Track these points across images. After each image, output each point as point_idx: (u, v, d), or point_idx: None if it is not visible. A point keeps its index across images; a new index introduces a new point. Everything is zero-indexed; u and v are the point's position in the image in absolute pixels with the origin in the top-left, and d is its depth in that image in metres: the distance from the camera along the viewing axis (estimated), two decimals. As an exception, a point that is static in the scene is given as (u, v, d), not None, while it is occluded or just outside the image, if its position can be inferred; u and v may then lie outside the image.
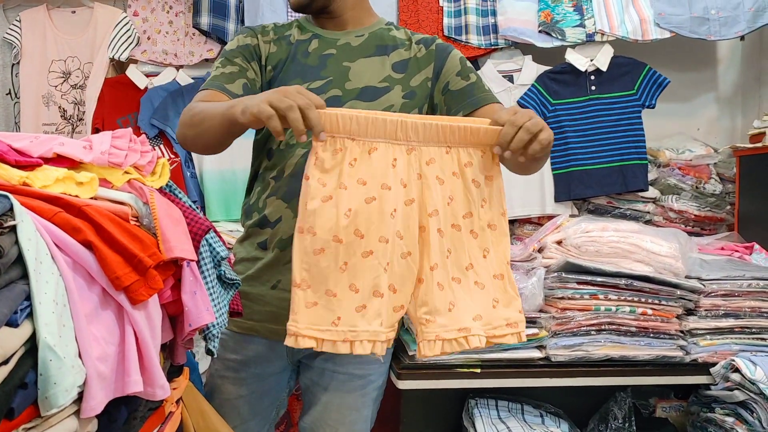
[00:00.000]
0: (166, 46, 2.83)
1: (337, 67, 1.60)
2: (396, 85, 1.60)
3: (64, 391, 0.80)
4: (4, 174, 0.92)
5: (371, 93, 1.58)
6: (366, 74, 1.60)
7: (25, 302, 0.79)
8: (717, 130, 3.16)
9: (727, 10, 2.77)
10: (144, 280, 0.96)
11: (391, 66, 1.62)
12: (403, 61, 1.63)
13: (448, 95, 1.61)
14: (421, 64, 1.63)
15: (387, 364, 1.69)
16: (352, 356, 1.52)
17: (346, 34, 1.66)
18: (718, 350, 2.03)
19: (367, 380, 1.62)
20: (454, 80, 1.61)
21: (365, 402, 1.63)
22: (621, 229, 2.13)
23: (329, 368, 1.61)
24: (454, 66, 1.63)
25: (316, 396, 1.64)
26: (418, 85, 1.62)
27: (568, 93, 2.77)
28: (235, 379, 1.65)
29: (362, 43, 1.64)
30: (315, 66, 1.61)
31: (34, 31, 2.81)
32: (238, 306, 1.36)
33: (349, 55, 1.62)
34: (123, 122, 2.79)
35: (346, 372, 1.61)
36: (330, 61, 1.61)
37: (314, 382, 1.64)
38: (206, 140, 1.46)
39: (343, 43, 1.64)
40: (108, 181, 1.06)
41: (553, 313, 2.00)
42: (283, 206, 1.55)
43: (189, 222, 1.14)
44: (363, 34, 1.66)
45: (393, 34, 1.68)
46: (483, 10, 2.82)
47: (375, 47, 1.64)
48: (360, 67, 1.61)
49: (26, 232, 0.81)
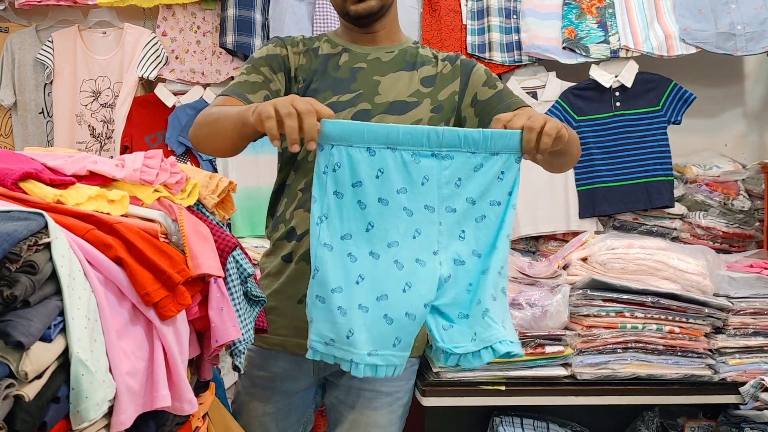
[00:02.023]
0: (193, 65, 2.88)
1: (368, 81, 1.62)
2: (425, 99, 1.62)
3: (95, 405, 0.81)
4: (39, 192, 0.95)
5: (400, 107, 1.59)
6: (395, 88, 1.61)
7: (59, 318, 0.81)
8: (745, 146, 3.13)
9: (754, 26, 2.75)
10: (173, 296, 0.97)
11: (419, 80, 1.64)
12: (431, 77, 1.65)
13: (478, 106, 1.62)
14: (447, 79, 1.65)
15: (412, 380, 1.68)
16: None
17: (377, 49, 1.67)
18: (748, 369, 2.00)
19: (395, 397, 1.62)
20: (482, 91, 1.63)
21: (392, 420, 1.63)
22: (647, 246, 2.11)
23: (356, 385, 1.60)
24: (480, 78, 1.65)
25: (343, 414, 1.63)
26: (445, 99, 1.63)
27: (593, 109, 2.77)
28: (262, 396, 1.65)
29: (392, 59, 1.66)
30: (345, 79, 1.62)
31: (66, 51, 2.87)
32: (263, 323, 1.37)
33: (380, 70, 1.64)
34: (151, 140, 2.83)
35: (373, 389, 1.59)
36: (360, 75, 1.63)
37: (340, 401, 1.64)
38: (218, 141, 1.45)
39: (373, 58, 1.65)
40: (138, 199, 1.08)
41: (578, 331, 1.98)
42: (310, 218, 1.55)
43: (216, 239, 1.16)
44: (393, 50, 1.68)
45: (420, 51, 1.70)
46: (506, 27, 2.83)
47: (404, 62, 1.66)
48: (390, 81, 1.62)
49: (60, 249, 0.83)
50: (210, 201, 1.30)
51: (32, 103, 2.89)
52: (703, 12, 2.78)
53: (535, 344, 1.95)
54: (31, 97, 2.89)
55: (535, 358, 1.96)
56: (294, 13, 2.78)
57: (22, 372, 0.74)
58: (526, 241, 2.79)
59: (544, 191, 2.72)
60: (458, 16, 2.84)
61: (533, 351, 1.95)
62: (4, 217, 0.82)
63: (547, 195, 2.73)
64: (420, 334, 1.55)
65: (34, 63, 2.89)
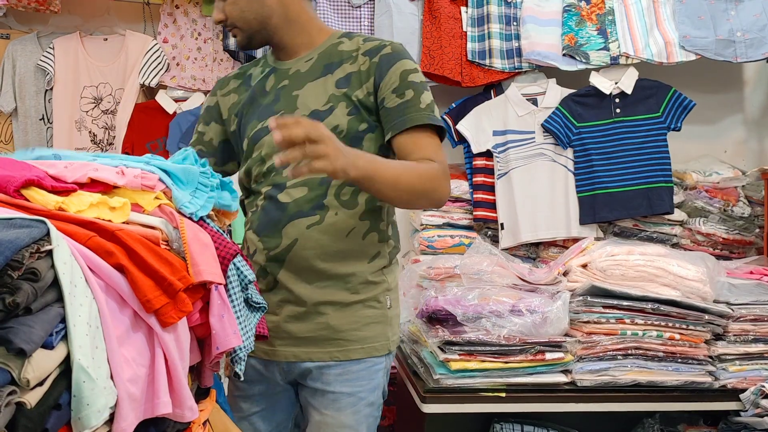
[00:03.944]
0: (194, 71, 2.89)
1: (288, 98, 1.62)
2: (340, 102, 1.57)
3: (96, 412, 0.81)
4: (41, 200, 0.95)
5: (316, 117, 1.55)
6: (312, 99, 1.59)
7: (60, 325, 0.81)
8: (744, 152, 3.13)
9: (753, 32, 2.76)
10: (174, 303, 0.97)
11: (334, 83, 1.59)
12: (346, 76, 1.59)
13: (383, 112, 1.56)
14: (363, 77, 1.57)
15: (376, 380, 1.64)
16: (339, 375, 1.57)
17: (297, 61, 1.65)
18: (748, 376, 2.00)
19: (357, 397, 1.61)
20: (389, 97, 1.55)
21: (358, 419, 1.62)
22: (647, 252, 2.11)
23: (319, 388, 1.61)
24: (392, 82, 1.55)
25: (312, 415, 1.64)
26: (362, 98, 1.57)
27: (593, 116, 2.77)
28: (245, 396, 1.68)
29: (311, 67, 1.63)
30: (270, 103, 1.63)
31: (67, 58, 2.88)
32: (264, 329, 1.37)
33: (299, 83, 1.62)
34: (152, 146, 2.84)
35: (335, 390, 1.60)
36: (282, 94, 1.63)
37: (308, 402, 1.65)
38: None
39: (294, 71, 1.64)
40: (139, 206, 1.08)
41: (578, 337, 1.99)
42: (255, 239, 1.62)
43: (217, 246, 1.16)
44: (312, 56, 1.64)
45: (342, 48, 1.62)
46: (507, 34, 2.84)
47: (322, 68, 1.61)
48: (307, 92, 1.60)
49: (62, 256, 0.83)
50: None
51: (33, 110, 2.90)
52: (703, 19, 2.79)
53: (536, 351, 1.95)
54: (32, 103, 2.90)
55: (536, 365, 1.96)
56: (295, 19, 2.78)
57: (24, 379, 0.74)
58: (526, 247, 2.79)
59: (545, 198, 2.73)
60: (458, 23, 2.85)
61: (533, 357, 1.95)
62: (6, 224, 0.82)
63: (547, 201, 2.73)
64: (379, 333, 1.60)
65: (35, 69, 2.89)
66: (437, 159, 1.53)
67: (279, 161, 1.26)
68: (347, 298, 1.58)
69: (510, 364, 1.94)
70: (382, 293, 1.62)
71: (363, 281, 1.59)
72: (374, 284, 1.61)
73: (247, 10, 1.59)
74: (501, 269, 2.15)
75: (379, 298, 1.62)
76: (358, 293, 1.59)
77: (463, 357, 1.93)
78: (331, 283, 1.58)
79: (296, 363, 1.61)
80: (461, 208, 2.82)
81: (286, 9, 1.61)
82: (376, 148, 1.58)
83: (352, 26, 2.85)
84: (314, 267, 1.56)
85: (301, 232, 1.55)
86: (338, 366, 1.59)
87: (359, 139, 1.56)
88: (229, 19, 1.61)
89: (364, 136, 1.57)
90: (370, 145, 1.58)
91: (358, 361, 1.59)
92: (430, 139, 1.55)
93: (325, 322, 1.58)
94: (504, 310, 1.95)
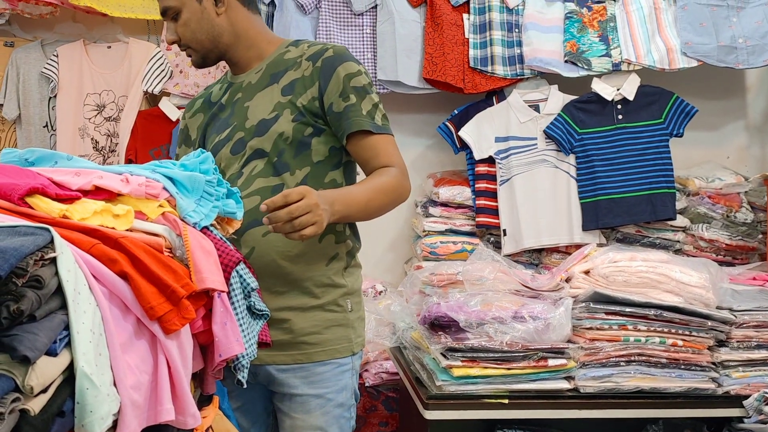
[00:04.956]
0: (197, 79, 2.90)
1: (240, 110, 1.66)
2: (285, 109, 1.61)
3: (99, 419, 0.81)
4: (45, 207, 0.96)
5: (264, 126, 1.61)
6: (260, 109, 1.64)
7: (64, 332, 0.81)
8: (747, 159, 3.13)
9: (755, 39, 2.76)
10: (177, 310, 0.98)
11: (280, 91, 1.63)
12: (290, 83, 1.63)
13: (332, 117, 1.61)
14: (307, 82, 1.61)
15: (343, 381, 1.65)
16: (303, 378, 1.59)
17: (248, 74, 1.70)
18: (751, 382, 1.99)
19: (325, 399, 1.62)
20: (336, 101, 1.59)
21: (328, 421, 1.63)
22: (649, 258, 2.11)
23: (287, 392, 1.63)
24: (337, 86, 1.59)
25: (282, 419, 1.66)
26: (307, 103, 1.60)
27: (595, 122, 2.78)
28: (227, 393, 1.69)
29: (259, 78, 1.67)
30: (227, 117, 1.68)
31: (71, 65, 2.89)
32: (266, 337, 1.37)
33: (250, 94, 1.67)
34: (155, 153, 2.85)
35: (302, 393, 1.61)
36: (236, 106, 1.68)
37: (278, 409, 1.67)
38: None
39: (246, 84, 1.69)
40: (143, 213, 1.09)
41: (581, 344, 1.98)
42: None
43: (220, 254, 1.16)
44: (261, 68, 1.69)
45: (288, 56, 1.67)
46: (509, 41, 2.84)
47: (269, 77, 1.66)
48: (256, 102, 1.65)
49: (66, 263, 0.84)
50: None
51: (36, 117, 2.91)
52: (705, 26, 2.80)
53: (538, 357, 1.95)
54: (36, 110, 2.91)
55: (538, 371, 1.96)
56: (298, 27, 2.79)
57: (28, 386, 0.74)
58: (528, 253, 2.79)
59: (547, 204, 2.73)
60: (460, 29, 2.86)
61: (536, 364, 1.95)
62: (10, 232, 0.82)
63: (549, 208, 2.73)
64: (341, 336, 1.62)
65: (39, 77, 2.91)
66: (394, 161, 1.61)
67: (272, 229, 1.37)
68: (307, 302, 1.61)
69: (513, 370, 1.94)
70: (341, 297, 1.64)
71: (321, 284, 1.62)
72: (333, 287, 1.63)
73: (198, 31, 1.64)
74: (503, 275, 2.15)
75: (338, 301, 1.64)
76: (317, 297, 1.62)
77: (466, 363, 1.94)
78: (289, 288, 1.61)
79: (261, 366, 1.61)
80: (464, 215, 2.82)
81: (234, 26, 1.67)
82: (326, 150, 1.63)
83: (355, 34, 2.86)
84: (273, 273, 1.59)
85: (257, 241, 1.58)
86: (301, 369, 1.61)
87: (306, 144, 1.61)
88: (183, 40, 1.66)
89: (311, 140, 1.61)
90: (320, 148, 1.62)
91: (322, 363, 1.62)
92: (383, 140, 1.61)
93: (288, 327, 1.61)
94: (507, 316, 1.95)
